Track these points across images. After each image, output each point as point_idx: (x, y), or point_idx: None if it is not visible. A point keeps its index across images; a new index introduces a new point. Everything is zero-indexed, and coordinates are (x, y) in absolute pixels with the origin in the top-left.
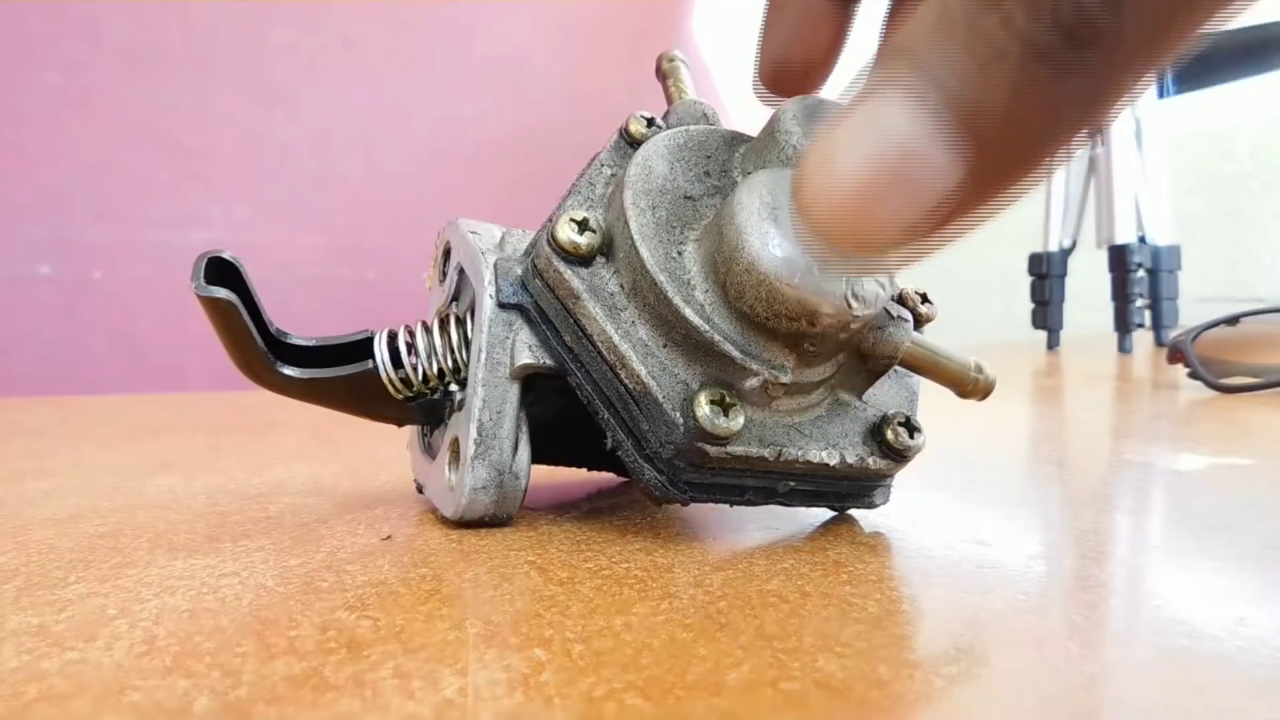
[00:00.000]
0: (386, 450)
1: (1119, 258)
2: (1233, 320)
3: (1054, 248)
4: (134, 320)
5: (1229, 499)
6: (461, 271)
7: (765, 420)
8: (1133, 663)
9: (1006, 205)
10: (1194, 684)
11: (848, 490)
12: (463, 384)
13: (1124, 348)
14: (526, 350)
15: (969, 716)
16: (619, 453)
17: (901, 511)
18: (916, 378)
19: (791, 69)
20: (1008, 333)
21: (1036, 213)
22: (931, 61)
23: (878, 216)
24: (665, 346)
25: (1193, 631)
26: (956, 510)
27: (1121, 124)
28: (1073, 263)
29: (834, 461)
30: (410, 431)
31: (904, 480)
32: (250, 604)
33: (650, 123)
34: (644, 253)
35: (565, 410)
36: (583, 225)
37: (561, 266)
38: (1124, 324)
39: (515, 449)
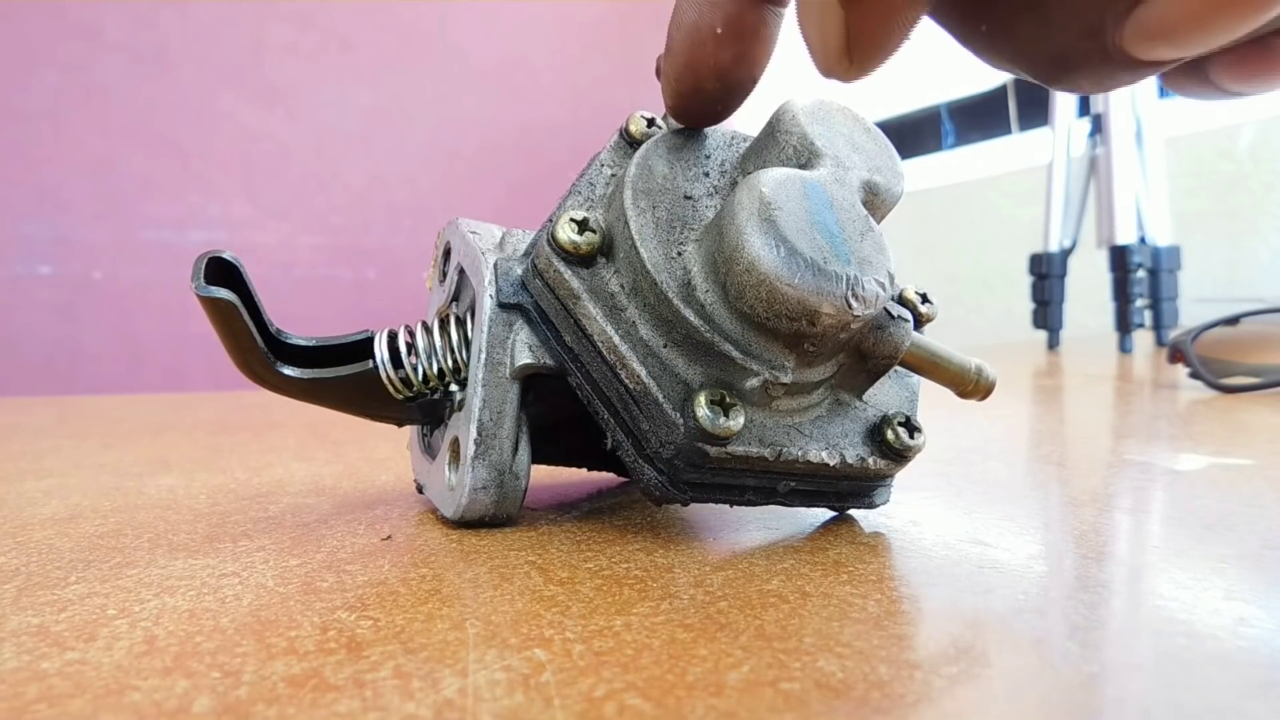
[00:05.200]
0: (386, 450)
1: (1119, 258)
2: (1233, 320)
3: (1054, 248)
4: (134, 320)
5: (1229, 499)
6: (461, 271)
7: (765, 420)
8: (1133, 663)
9: None
10: (1194, 684)
11: (848, 490)
12: (463, 384)
13: (1124, 348)
14: (526, 350)
15: (969, 716)
16: (619, 453)
17: (901, 511)
18: (916, 378)
19: (706, 90)
20: (1008, 333)
21: (1037, 213)
22: None
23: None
24: (665, 347)
25: (1193, 631)
26: (956, 510)
27: (1122, 124)
28: (1073, 263)
29: (834, 461)
30: (410, 431)
31: (904, 480)
32: (250, 604)
33: (650, 123)
34: (644, 253)
35: (565, 410)
36: (583, 225)
37: (561, 267)
38: (1124, 324)
39: (515, 449)
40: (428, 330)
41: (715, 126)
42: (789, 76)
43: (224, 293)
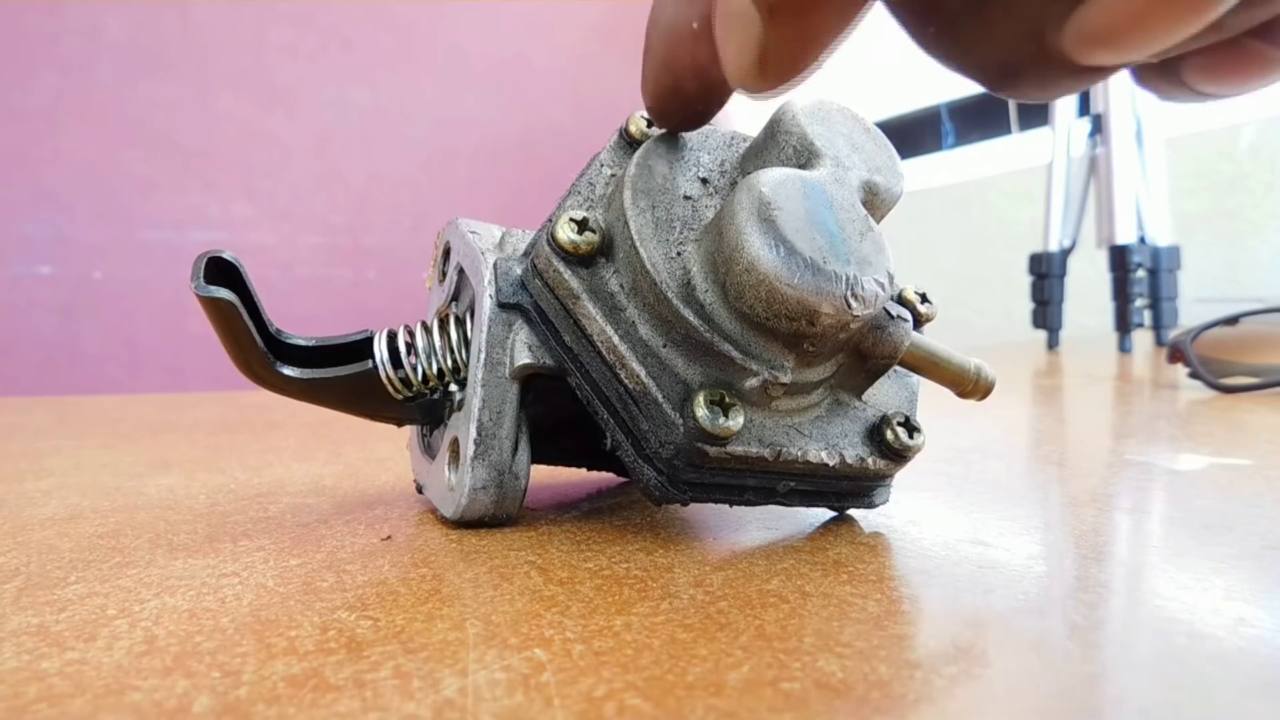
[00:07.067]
0: (386, 450)
1: (1119, 258)
2: (1233, 320)
3: (1054, 248)
4: (134, 320)
5: (1229, 499)
6: (461, 271)
7: (765, 420)
8: (1133, 663)
9: None
10: (1194, 684)
11: (847, 490)
12: (462, 384)
13: (1124, 347)
14: (526, 350)
15: (969, 716)
16: (619, 453)
17: (901, 511)
18: (916, 378)
19: (685, 89)
20: (1008, 333)
21: (1037, 213)
22: None
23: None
24: (665, 346)
25: (1193, 631)
26: (956, 510)
27: (1122, 123)
28: (1073, 263)
29: (833, 461)
30: (410, 431)
31: (904, 480)
32: (250, 604)
33: (650, 123)
34: (643, 253)
35: (565, 410)
36: (582, 225)
37: (561, 267)
38: (1124, 324)
39: (515, 449)
40: (427, 330)
41: (715, 127)
42: None
43: (224, 293)
